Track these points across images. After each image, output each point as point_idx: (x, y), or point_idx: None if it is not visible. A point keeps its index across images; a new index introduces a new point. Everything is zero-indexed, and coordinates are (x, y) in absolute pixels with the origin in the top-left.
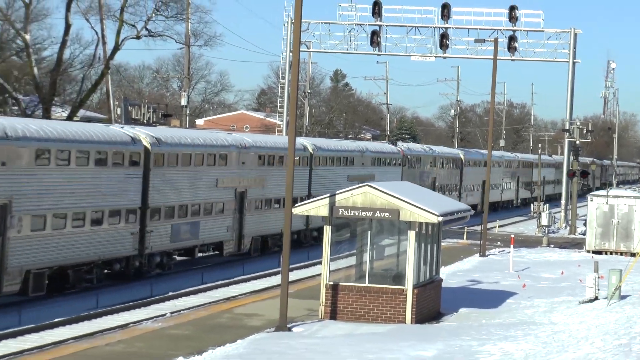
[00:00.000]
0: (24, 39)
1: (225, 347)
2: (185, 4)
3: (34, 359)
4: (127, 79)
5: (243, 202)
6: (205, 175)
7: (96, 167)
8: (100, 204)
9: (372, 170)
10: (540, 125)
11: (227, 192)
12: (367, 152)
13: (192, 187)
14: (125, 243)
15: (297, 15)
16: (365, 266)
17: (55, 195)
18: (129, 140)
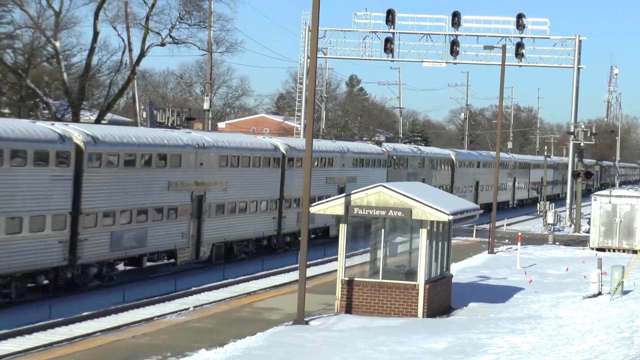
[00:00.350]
0: (54, 46)
1: (246, 340)
2: (208, 12)
3: (64, 350)
4: (152, 84)
5: (201, 206)
6: (154, 178)
7: (12, 167)
8: (17, 208)
9: (354, 172)
10: (546, 128)
11: (182, 196)
12: (348, 153)
13: (138, 190)
14: (52, 252)
15: (314, 23)
16: (379, 263)
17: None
18: (56, 138)
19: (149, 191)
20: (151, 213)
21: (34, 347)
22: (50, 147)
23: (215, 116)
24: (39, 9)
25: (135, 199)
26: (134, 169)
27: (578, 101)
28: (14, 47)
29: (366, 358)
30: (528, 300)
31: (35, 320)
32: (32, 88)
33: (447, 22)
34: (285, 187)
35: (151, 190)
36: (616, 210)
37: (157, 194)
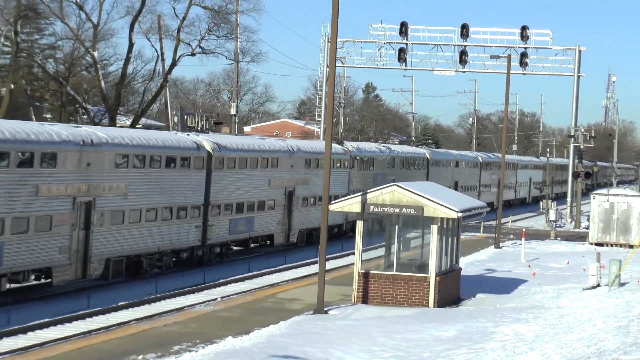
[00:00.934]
0: (93, 56)
1: (270, 328)
2: (235, 25)
3: (101, 337)
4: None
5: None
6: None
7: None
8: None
9: (304, 174)
10: (549, 131)
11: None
12: (298, 153)
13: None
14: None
15: (333, 34)
16: (393, 256)
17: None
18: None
19: (255, 187)
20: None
21: (73, 335)
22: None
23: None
24: (79, 22)
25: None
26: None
27: (578, 107)
28: (56, 57)
29: (381, 345)
30: (531, 291)
31: (74, 309)
32: (72, 95)
33: (457, 33)
34: (213, 191)
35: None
36: (614, 208)
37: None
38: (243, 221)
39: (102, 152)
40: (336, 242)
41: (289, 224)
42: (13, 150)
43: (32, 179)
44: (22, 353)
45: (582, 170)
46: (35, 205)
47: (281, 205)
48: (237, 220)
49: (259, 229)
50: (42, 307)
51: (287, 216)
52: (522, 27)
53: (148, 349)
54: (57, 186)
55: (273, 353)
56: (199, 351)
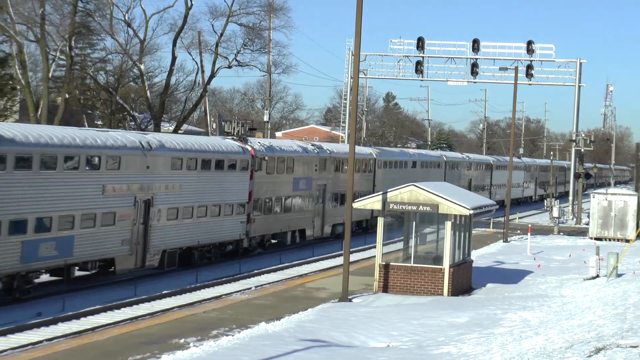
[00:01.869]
0: (139, 68)
1: (299, 314)
2: (268, 40)
3: (146, 323)
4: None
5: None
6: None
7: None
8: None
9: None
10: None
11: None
12: (158, 150)
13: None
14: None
15: (357, 49)
16: (410, 250)
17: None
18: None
19: (290, 186)
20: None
21: (121, 320)
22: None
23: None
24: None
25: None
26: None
27: (579, 114)
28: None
29: (400, 329)
30: (537, 281)
31: (123, 297)
32: (121, 103)
33: (468, 47)
34: None
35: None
36: (611, 206)
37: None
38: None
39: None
40: (360, 236)
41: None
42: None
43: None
44: (76, 337)
45: (583, 171)
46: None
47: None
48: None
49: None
50: (94, 295)
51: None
52: (528, 42)
53: (189, 333)
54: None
55: (302, 337)
56: (235, 335)
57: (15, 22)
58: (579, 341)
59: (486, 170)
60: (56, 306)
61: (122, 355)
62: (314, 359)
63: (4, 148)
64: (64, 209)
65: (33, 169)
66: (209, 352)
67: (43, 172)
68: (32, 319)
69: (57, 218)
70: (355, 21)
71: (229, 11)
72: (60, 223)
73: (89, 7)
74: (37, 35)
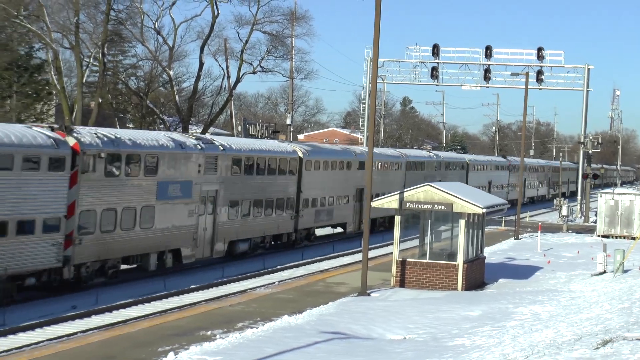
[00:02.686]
0: (169, 74)
1: (320, 308)
2: (290, 47)
3: (175, 316)
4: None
5: (362, 195)
6: (341, 177)
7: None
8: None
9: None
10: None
11: (351, 188)
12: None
13: (331, 184)
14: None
15: (375, 55)
16: (426, 246)
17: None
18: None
19: (333, 185)
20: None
21: (151, 313)
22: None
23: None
24: (157, 45)
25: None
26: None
27: (587, 117)
28: (137, 75)
29: (416, 322)
30: (546, 277)
31: (153, 291)
32: (151, 107)
33: (481, 54)
34: None
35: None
36: (618, 205)
37: (338, 187)
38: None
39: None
40: (378, 234)
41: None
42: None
43: (343, 176)
44: (109, 329)
45: (591, 172)
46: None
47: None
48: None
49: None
50: (126, 289)
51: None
52: (539, 48)
53: (216, 325)
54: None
55: (323, 329)
56: (259, 328)
57: (51, 30)
58: (587, 334)
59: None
60: (90, 299)
61: (153, 346)
62: (334, 350)
63: None
64: None
65: None
66: (235, 344)
67: None
68: (67, 311)
69: None
70: (374, 30)
71: (254, 20)
72: None
73: (121, 16)
74: (72, 42)
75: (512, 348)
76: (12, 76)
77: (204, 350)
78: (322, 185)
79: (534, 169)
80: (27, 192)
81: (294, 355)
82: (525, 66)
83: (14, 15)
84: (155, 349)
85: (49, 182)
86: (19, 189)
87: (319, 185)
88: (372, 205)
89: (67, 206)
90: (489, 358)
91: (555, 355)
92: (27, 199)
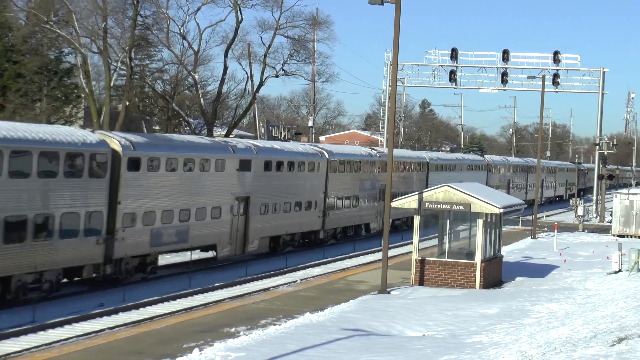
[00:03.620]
0: (194, 77)
1: (341, 305)
2: (312, 51)
3: (200, 313)
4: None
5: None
6: (356, 177)
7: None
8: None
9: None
10: (577, 140)
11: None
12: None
13: (352, 185)
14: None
15: (395, 59)
16: (445, 246)
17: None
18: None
19: (356, 186)
20: (360, 199)
21: (177, 310)
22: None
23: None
24: (182, 49)
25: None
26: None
27: (602, 119)
28: (163, 79)
29: (435, 320)
30: (563, 275)
31: (178, 289)
32: (176, 110)
33: (499, 57)
34: None
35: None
36: (633, 205)
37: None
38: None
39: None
40: (398, 233)
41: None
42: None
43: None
44: (135, 325)
45: (606, 173)
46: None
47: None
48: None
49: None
50: (151, 287)
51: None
52: (555, 52)
53: (239, 322)
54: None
55: (344, 326)
56: (282, 325)
57: (80, 35)
58: (602, 331)
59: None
60: (117, 297)
61: (178, 343)
62: (354, 346)
63: None
64: None
65: None
66: (258, 340)
67: None
68: (95, 309)
69: None
70: (394, 34)
71: (277, 24)
72: None
73: (147, 22)
74: (100, 47)
75: (529, 345)
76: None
77: (228, 346)
78: None
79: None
80: (417, 180)
81: (316, 352)
82: (542, 69)
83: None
84: (180, 345)
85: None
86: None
87: None
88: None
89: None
90: (507, 355)
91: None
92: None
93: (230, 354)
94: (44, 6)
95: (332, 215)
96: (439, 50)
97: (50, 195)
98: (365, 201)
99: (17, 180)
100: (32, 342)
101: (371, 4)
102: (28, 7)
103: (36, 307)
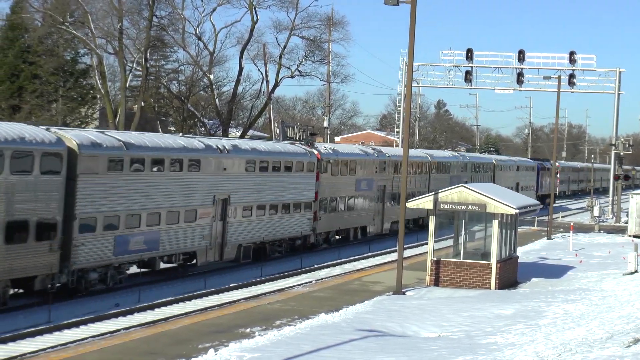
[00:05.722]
0: (209, 78)
1: (356, 306)
2: (327, 52)
3: (215, 313)
4: (284, 107)
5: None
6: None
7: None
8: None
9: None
10: (593, 140)
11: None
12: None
13: (346, 186)
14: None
15: (410, 60)
16: (460, 246)
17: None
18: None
19: (351, 186)
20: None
21: (192, 311)
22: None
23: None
24: (197, 50)
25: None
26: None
27: (618, 119)
28: (178, 80)
29: (450, 320)
30: (578, 276)
31: (193, 290)
32: (192, 111)
33: (514, 58)
34: None
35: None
36: None
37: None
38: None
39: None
40: (413, 234)
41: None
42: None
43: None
44: (150, 326)
45: (622, 173)
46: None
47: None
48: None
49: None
50: (167, 287)
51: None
52: (570, 52)
53: (255, 323)
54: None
55: (359, 327)
56: (297, 325)
57: (95, 36)
58: (618, 332)
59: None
60: (132, 298)
61: (193, 343)
62: (369, 347)
63: None
64: None
65: None
66: (273, 341)
67: None
68: (111, 309)
69: None
70: (409, 35)
71: (292, 25)
72: None
73: (163, 22)
74: (116, 48)
75: (545, 346)
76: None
77: (243, 347)
78: None
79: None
80: (418, 181)
81: (331, 353)
82: (558, 70)
83: (60, 22)
84: (195, 345)
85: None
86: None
87: None
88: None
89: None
90: (522, 355)
91: (587, 352)
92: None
93: (245, 354)
94: (59, 7)
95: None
96: (454, 51)
97: None
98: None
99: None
100: (48, 342)
101: (387, 4)
102: (44, 8)
103: (52, 307)
